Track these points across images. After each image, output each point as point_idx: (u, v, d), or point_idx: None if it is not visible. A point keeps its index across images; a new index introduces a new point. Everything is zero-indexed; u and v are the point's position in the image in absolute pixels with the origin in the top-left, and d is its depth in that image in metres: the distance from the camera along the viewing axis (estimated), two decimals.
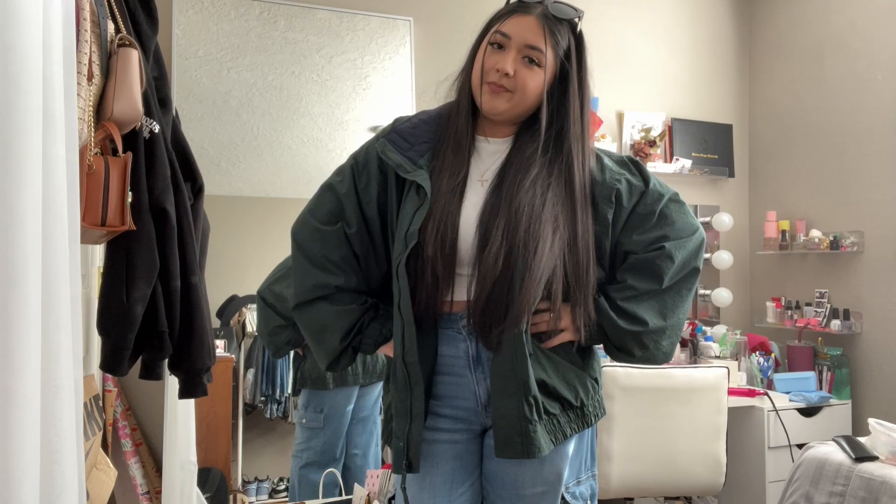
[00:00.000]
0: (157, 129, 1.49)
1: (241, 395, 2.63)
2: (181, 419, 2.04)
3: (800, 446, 2.62)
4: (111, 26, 1.37)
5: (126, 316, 1.43)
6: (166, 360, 1.58)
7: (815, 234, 3.16)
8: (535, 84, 1.22)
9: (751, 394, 2.80)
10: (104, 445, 2.11)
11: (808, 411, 2.82)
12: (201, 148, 2.56)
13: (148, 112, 1.47)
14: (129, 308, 1.43)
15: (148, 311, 1.48)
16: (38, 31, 0.89)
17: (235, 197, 2.69)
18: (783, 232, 3.30)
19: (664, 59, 3.44)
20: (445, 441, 1.27)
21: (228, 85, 2.66)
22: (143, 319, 1.47)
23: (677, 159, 3.32)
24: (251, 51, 2.68)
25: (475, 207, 1.23)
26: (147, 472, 2.34)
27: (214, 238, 1.83)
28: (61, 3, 1.00)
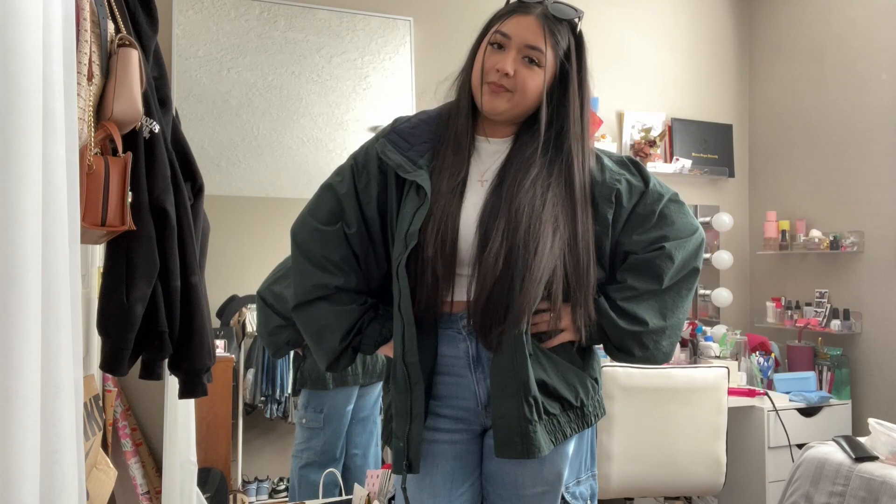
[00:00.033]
0: (157, 129, 1.49)
1: (241, 395, 2.63)
2: (181, 419, 2.04)
3: (800, 446, 2.62)
4: (111, 26, 1.37)
5: (126, 316, 1.43)
6: (166, 360, 1.59)
7: (815, 234, 3.16)
8: (535, 84, 1.22)
9: (751, 394, 2.80)
10: (104, 445, 2.11)
11: (808, 411, 2.82)
12: (201, 148, 2.56)
13: (148, 112, 1.47)
14: (129, 308, 1.43)
15: (148, 311, 1.48)
16: (38, 31, 0.89)
17: (235, 197, 2.69)
18: (783, 232, 3.30)
19: (664, 59, 3.44)
20: (445, 441, 1.27)
21: (228, 85, 2.66)
22: (143, 319, 1.47)
23: (677, 159, 3.32)
24: (251, 51, 2.68)
25: (475, 208, 1.23)
26: (147, 472, 2.34)
27: (214, 238, 1.83)
28: (61, 3, 1.00)
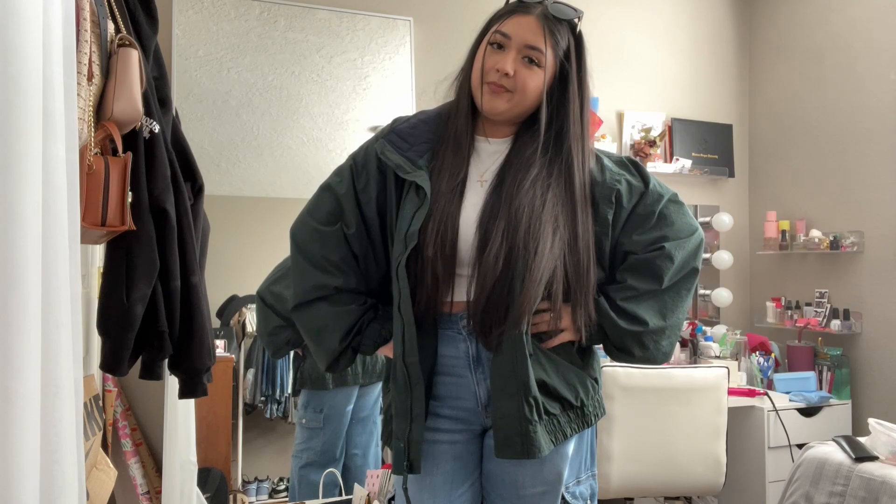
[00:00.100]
0: (157, 129, 1.49)
1: (241, 395, 2.63)
2: (181, 419, 2.04)
3: (800, 446, 2.61)
4: (111, 26, 1.37)
5: (126, 316, 1.43)
6: (166, 360, 1.59)
7: (815, 234, 3.16)
8: (535, 84, 1.22)
9: (751, 394, 2.80)
10: (104, 445, 2.11)
11: (808, 411, 2.82)
12: (201, 148, 2.56)
13: (148, 112, 1.47)
14: (129, 308, 1.43)
15: (148, 311, 1.48)
16: (38, 31, 0.89)
17: (235, 197, 2.69)
18: (783, 232, 3.30)
19: (664, 59, 3.44)
20: (445, 441, 1.27)
21: (228, 85, 2.66)
22: (143, 319, 1.47)
23: (677, 159, 3.32)
24: (251, 51, 2.68)
25: (475, 208, 1.23)
26: (147, 472, 2.34)
27: (214, 238, 1.83)
28: (61, 3, 1.00)
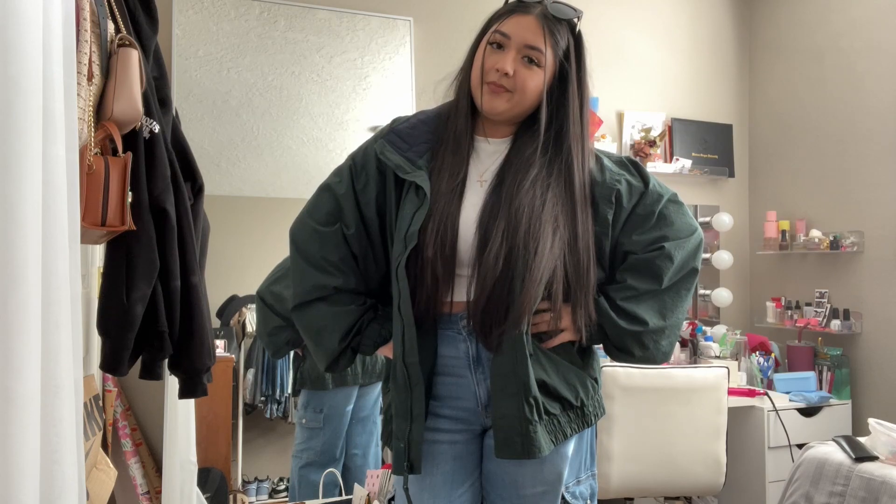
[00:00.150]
0: (157, 129, 1.49)
1: (241, 395, 2.63)
2: (181, 419, 2.04)
3: (800, 446, 2.62)
4: (111, 26, 1.37)
5: (126, 316, 1.43)
6: (166, 360, 1.59)
7: (815, 234, 3.16)
8: (535, 84, 1.22)
9: (751, 394, 2.80)
10: (104, 445, 2.11)
11: (808, 411, 2.82)
12: (201, 148, 2.56)
13: (148, 112, 1.47)
14: (129, 308, 1.43)
15: (148, 311, 1.48)
16: (38, 31, 0.89)
17: (235, 197, 2.69)
18: (783, 232, 3.30)
19: (664, 59, 3.44)
20: (445, 441, 1.27)
21: (228, 85, 2.66)
22: (143, 319, 1.47)
23: (677, 159, 3.32)
24: (251, 51, 2.68)
25: (475, 208, 1.23)
26: (147, 472, 2.34)
27: (214, 238, 1.83)
28: (61, 3, 1.00)
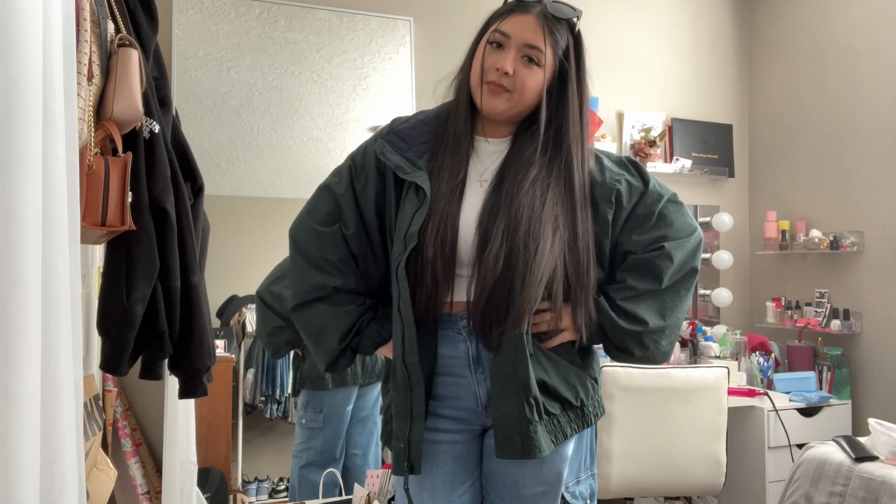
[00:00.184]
0: (157, 129, 1.49)
1: (241, 395, 2.63)
2: (181, 419, 2.04)
3: (800, 446, 2.61)
4: (111, 26, 1.37)
5: (126, 316, 1.43)
6: (166, 360, 1.59)
7: (815, 234, 3.16)
8: (535, 83, 1.22)
9: (751, 394, 2.80)
10: (104, 445, 2.11)
11: (808, 411, 2.82)
12: (201, 148, 2.56)
13: (148, 112, 1.47)
14: (129, 308, 1.43)
15: (148, 311, 1.48)
16: (38, 31, 0.89)
17: (235, 197, 2.69)
18: (783, 232, 3.30)
19: (664, 59, 3.44)
20: (445, 441, 1.27)
21: (228, 85, 2.66)
22: (143, 319, 1.47)
23: (677, 159, 3.32)
24: (251, 51, 2.68)
25: (475, 208, 1.23)
26: (147, 472, 2.34)
27: (214, 238, 1.83)
28: (61, 3, 1.00)
